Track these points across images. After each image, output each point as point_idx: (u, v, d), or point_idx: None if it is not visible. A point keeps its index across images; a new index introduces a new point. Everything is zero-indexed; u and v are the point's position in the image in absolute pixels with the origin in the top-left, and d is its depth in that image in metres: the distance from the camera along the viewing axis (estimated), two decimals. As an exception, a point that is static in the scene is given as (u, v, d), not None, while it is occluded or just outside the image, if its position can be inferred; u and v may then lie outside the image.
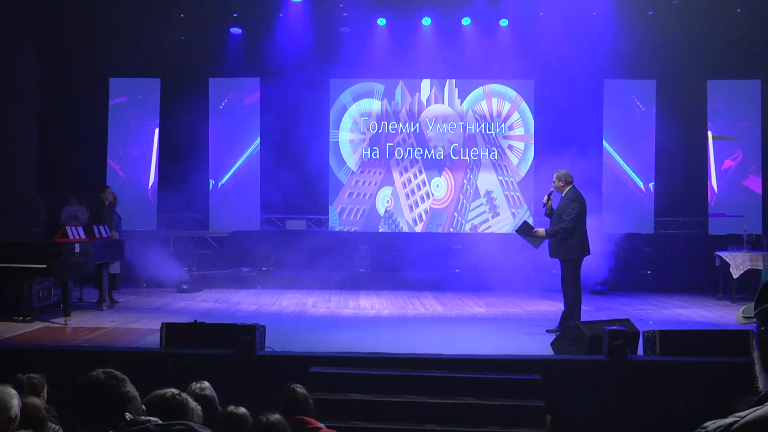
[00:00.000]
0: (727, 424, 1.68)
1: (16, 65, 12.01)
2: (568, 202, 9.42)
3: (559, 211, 9.46)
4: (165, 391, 3.27)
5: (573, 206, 9.36)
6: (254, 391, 6.57)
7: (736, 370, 6.43)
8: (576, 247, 9.42)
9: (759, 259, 12.23)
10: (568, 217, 9.30)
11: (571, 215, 9.30)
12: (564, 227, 9.30)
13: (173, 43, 14.74)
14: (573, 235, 9.36)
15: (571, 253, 9.43)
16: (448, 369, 7.47)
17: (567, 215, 9.32)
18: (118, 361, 6.26)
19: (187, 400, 3.33)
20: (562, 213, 9.38)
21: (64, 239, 10.39)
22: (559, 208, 9.48)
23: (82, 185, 13.86)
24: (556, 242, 9.42)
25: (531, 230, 9.55)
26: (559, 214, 9.43)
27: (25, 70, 12.23)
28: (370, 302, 12.59)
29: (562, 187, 9.56)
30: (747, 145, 14.82)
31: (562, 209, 9.42)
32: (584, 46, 13.87)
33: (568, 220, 9.30)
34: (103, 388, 2.57)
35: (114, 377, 2.61)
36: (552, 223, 9.52)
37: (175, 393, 3.30)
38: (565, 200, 9.47)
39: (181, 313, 10.85)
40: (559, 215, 9.42)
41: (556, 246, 9.46)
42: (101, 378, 2.60)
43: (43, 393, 5.34)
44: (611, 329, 7.53)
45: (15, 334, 9.07)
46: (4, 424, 3.69)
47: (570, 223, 9.29)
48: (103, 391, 2.56)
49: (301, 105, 15.21)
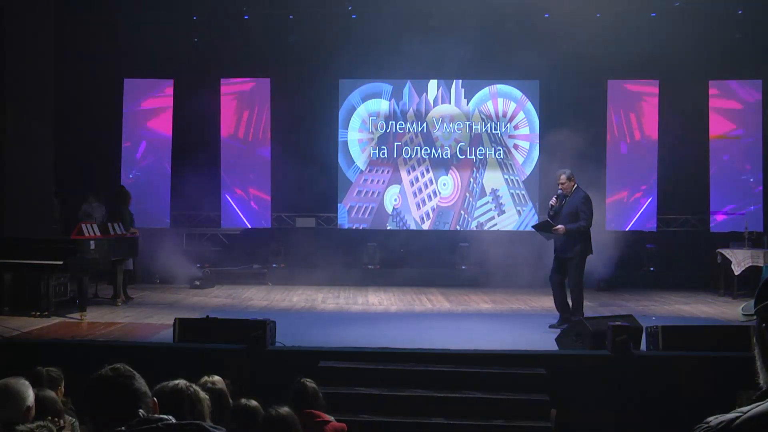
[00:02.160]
0: (729, 419, 1.66)
1: (33, 66, 12.16)
2: (584, 200, 9.55)
3: (572, 209, 9.54)
4: (176, 382, 3.26)
5: (588, 205, 9.54)
6: (265, 385, 6.71)
7: (738, 364, 6.48)
8: (587, 245, 9.61)
9: (760, 256, 12.28)
10: (586, 216, 9.47)
11: (588, 214, 9.49)
12: (584, 225, 9.45)
13: (186, 44, 14.92)
14: (586, 233, 9.55)
15: (583, 251, 9.59)
16: (454, 363, 7.54)
17: (584, 213, 9.47)
18: (133, 355, 6.39)
19: (198, 391, 3.38)
20: (577, 211, 9.49)
21: (80, 236, 10.52)
22: (572, 206, 9.55)
23: (98, 184, 14.01)
24: (570, 241, 9.53)
25: (551, 227, 9.60)
26: (573, 213, 9.51)
27: (42, 71, 12.38)
28: (378, 298, 12.73)
29: (571, 187, 9.69)
30: (748, 144, 14.92)
31: (577, 208, 9.52)
32: (588, 47, 13.98)
33: (586, 218, 9.46)
34: (111, 386, 2.59)
35: (122, 374, 2.62)
36: (563, 221, 9.55)
37: (186, 384, 3.34)
38: (578, 199, 9.57)
39: (193, 309, 11.02)
40: (573, 213, 9.51)
41: (568, 244, 9.56)
42: (109, 375, 2.62)
43: (60, 386, 5.50)
44: (615, 325, 7.60)
45: (33, 329, 9.18)
46: (21, 415, 3.75)
47: (589, 222, 9.47)
48: (112, 388, 2.59)
49: (311, 105, 15.35)
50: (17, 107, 11.73)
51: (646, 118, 15.11)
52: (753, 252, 12.44)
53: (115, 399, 2.57)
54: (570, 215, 9.55)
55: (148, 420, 2.49)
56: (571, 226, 9.47)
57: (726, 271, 12.72)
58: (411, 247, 15.28)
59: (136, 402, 2.57)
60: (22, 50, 11.87)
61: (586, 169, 12.34)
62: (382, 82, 15.62)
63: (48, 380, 5.28)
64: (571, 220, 9.52)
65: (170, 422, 2.50)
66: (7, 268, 10.19)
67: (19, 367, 4.58)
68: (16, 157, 11.68)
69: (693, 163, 14.59)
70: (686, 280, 13.83)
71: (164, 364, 6.13)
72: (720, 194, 14.91)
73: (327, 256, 14.20)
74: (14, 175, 11.60)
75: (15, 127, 11.64)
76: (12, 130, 11.60)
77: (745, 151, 14.93)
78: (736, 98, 14.98)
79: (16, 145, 11.65)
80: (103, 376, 2.62)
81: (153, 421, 2.48)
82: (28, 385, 3.96)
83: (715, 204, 14.89)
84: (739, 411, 1.68)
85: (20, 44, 11.81)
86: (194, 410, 3.40)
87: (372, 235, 15.44)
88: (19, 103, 11.77)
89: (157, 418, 2.51)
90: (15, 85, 11.70)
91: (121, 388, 2.58)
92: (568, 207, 9.62)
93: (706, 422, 1.70)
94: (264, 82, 15.52)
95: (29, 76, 12.03)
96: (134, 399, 2.57)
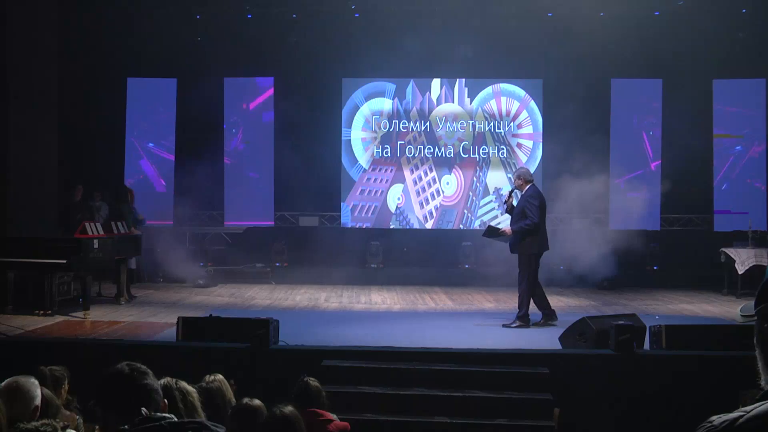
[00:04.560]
0: (732, 418, 1.66)
1: (37, 65, 12.19)
2: (529, 198, 9.73)
3: (519, 208, 9.77)
4: (162, 381, 3.28)
5: (533, 203, 9.67)
6: (268, 384, 6.73)
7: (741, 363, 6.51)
8: (536, 242, 9.74)
9: (764, 255, 12.27)
10: (532, 214, 9.60)
11: (534, 212, 9.61)
12: (529, 223, 9.60)
13: (189, 43, 14.92)
14: (535, 230, 9.65)
15: (531, 247, 9.73)
16: (457, 362, 7.55)
17: (530, 211, 9.63)
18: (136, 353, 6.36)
19: (185, 385, 3.42)
20: (524, 210, 9.68)
21: (84, 235, 10.55)
22: (520, 205, 9.79)
23: (102, 183, 14.03)
24: (517, 239, 9.74)
25: (497, 231, 9.99)
26: (520, 211, 9.73)
27: (45, 70, 12.40)
28: (381, 297, 12.74)
29: (522, 185, 9.88)
30: (751, 143, 14.90)
31: (523, 206, 9.71)
32: (591, 46, 13.97)
33: (532, 216, 9.60)
34: (125, 381, 2.61)
35: (137, 370, 2.64)
36: (513, 220, 9.84)
37: (172, 380, 3.37)
38: (524, 198, 9.77)
39: (197, 308, 11.05)
40: (520, 212, 9.72)
41: (516, 242, 9.78)
42: (125, 371, 2.63)
43: (64, 384, 5.53)
44: (618, 324, 7.61)
45: (36, 328, 9.20)
46: (29, 413, 3.76)
47: (535, 219, 9.59)
48: (125, 383, 2.60)
49: (314, 104, 15.35)
50: (21, 106, 11.75)
51: (650, 117, 15.09)
52: (757, 251, 12.43)
53: (127, 395, 2.58)
54: (518, 214, 9.77)
55: (151, 418, 2.50)
56: (516, 226, 9.72)
57: (729, 270, 12.71)
58: (414, 246, 15.30)
59: (147, 400, 2.59)
60: (26, 49, 11.90)
61: (589, 167, 12.33)
62: (386, 81, 15.62)
63: (52, 379, 5.29)
64: (519, 219, 9.72)
65: (173, 420, 2.51)
66: (11, 267, 10.23)
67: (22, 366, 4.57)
68: (20, 155, 11.70)
69: (696, 162, 14.57)
70: (690, 280, 13.82)
71: (167, 362, 6.14)
72: (724, 193, 14.89)
73: (330, 255, 14.22)
74: (18, 173, 11.62)
75: (19, 127, 11.66)
76: (16, 129, 11.63)
77: (749, 150, 14.90)
78: (740, 97, 14.95)
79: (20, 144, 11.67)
80: (117, 371, 2.64)
81: (156, 420, 2.49)
82: (38, 385, 4.00)
83: (719, 203, 14.87)
84: (743, 410, 1.67)
85: (24, 43, 11.83)
86: (186, 403, 3.47)
87: (375, 234, 15.46)
88: (23, 101, 11.79)
89: (160, 416, 2.52)
90: (19, 83, 11.73)
91: (133, 383, 2.60)
92: (518, 206, 9.86)
93: (710, 421, 1.70)
94: (267, 81, 15.53)
95: (33, 75, 12.07)
96: (146, 396, 2.59)
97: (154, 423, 2.47)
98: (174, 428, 2.47)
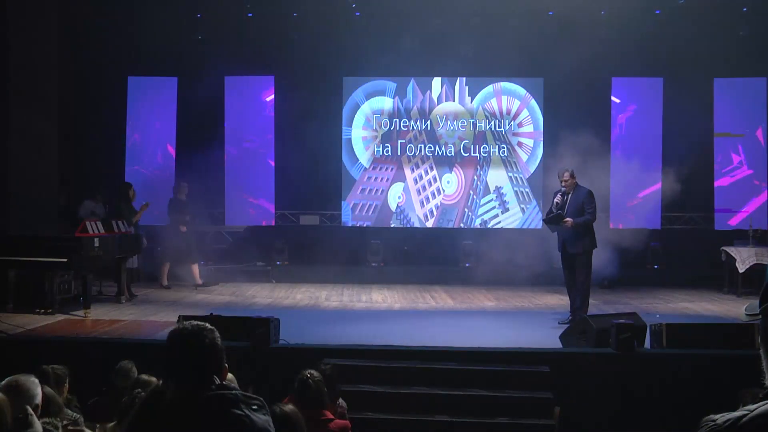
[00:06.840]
0: (736, 417, 1.67)
1: (37, 63, 12.18)
2: (588, 195, 9.85)
3: (577, 205, 9.79)
4: (150, 379, 3.28)
5: (593, 200, 9.85)
6: (269, 383, 6.74)
7: (742, 362, 6.50)
8: (594, 240, 9.88)
9: (764, 254, 12.27)
10: (591, 210, 9.77)
11: (594, 209, 9.79)
12: (590, 219, 9.75)
13: (190, 42, 14.91)
14: (591, 228, 9.78)
15: (592, 245, 9.87)
16: (458, 361, 7.57)
17: (590, 208, 9.77)
18: (137, 352, 6.38)
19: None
20: (583, 207, 9.77)
21: (84, 234, 10.55)
22: (577, 202, 9.81)
23: (102, 181, 14.02)
24: (578, 235, 9.76)
25: (560, 220, 9.86)
26: (578, 209, 9.77)
27: (45, 69, 12.40)
28: (381, 296, 12.75)
29: (573, 184, 9.90)
30: (752, 142, 14.89)
31: (582, 203, 9.79)
32: (592, 45, 13.96)
33: (591, 212, 9.76)
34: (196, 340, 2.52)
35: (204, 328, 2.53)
36: (569, 217, 9.79)
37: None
38: (582, 195, 9.85)
39: (197, 306, 11.06)
40: (579, 209, 9.77)
41: (577, 239, 9.78)
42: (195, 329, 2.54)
43: (65, 383, 5.54)
44: (619, 322, 7.64)
45: (37, 326, 9.19)
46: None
47: (594, 216, 9.77)
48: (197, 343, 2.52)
49: (315, 103, 15.34)
50: (22, 105, 11.75)
51: (651, 116, 15.08)
52: (757, 250, 12.43)
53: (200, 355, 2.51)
54: (575, 211, 9.80)
55: (225, 386, 2.49)
56: (579, 219, 9.74)
57: (730, 269, 12.71)
58: (415, 245, 15.32)
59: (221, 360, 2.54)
60: (27, 48, 11.89)
61: (590, 166, 12.33)
62: (386, 80, 15.62)
63: (54, 378, 5.30)
64: (576, 216, 9.76)
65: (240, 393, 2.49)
66: (12, 266, 10.22)
67: (22, 365, 4.58)
68: (21, 154, 11.70)
69: (697, 161, 14.56)
70: (690, 278, 13.84)
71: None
72: (724, 192, 14.88)
73: (331, 254, 14.22)
74: (19, 172, 11.62)
75: (20, 125, 11.66)
76: (17, 128, 11.63)
77: (750, 149, 14.89)
78: (741, 96, 14.94)
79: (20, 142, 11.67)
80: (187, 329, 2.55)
81: (230, 389, 2.48)
82: (38, 383, 4.04)
83: (720, 202, 14.87)
84: (746, 409, 1.68)
85: (25, 42, 11.84)
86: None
87: (376, 232, 15.46)
88: (23, 101, 11.79)
89: (232, 387, 2.51)
90: (20, 82, 11.73)
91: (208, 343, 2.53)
92: (572, 204, 9.86)
93: (713, 420, 1.71)
94: (268, 80, 15.52)
95: (34, 74, 12.06)
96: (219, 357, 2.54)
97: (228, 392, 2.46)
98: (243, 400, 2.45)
